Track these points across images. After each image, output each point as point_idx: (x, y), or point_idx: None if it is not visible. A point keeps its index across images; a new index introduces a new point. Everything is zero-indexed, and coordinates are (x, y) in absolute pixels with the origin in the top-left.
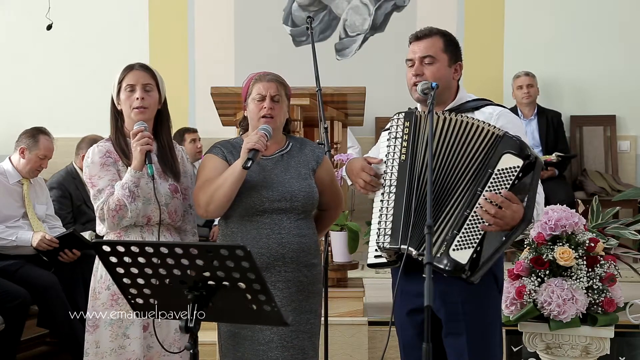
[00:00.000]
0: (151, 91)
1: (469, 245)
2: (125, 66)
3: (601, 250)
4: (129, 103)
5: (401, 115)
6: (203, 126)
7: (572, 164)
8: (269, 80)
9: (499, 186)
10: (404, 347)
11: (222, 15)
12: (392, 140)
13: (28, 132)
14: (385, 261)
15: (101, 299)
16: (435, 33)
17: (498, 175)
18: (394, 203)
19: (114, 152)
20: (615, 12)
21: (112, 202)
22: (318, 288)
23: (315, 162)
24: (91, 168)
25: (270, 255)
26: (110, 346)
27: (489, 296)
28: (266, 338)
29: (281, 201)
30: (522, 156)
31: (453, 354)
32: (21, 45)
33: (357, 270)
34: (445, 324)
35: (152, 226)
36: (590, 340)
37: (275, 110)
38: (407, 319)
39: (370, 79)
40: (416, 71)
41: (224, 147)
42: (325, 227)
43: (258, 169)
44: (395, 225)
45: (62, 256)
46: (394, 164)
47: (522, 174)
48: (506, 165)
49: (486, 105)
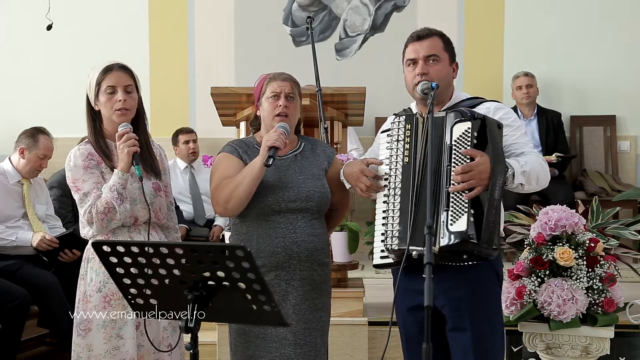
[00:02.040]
0: (132, 92)
1: (462, 213)
2: (103, 67)
3: (601, 250)
4: (110, 105)
5: (402, 118)
6: (203, 126)
7: (572, 164)
8: (283, 79)
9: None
10: (407, 342)
11: (222, 15)
12: (394, 143)
13: (27, 132)
14: (392, 262)
15: (93, 301)
16: (434, 33)
17: (456, 144)
18: (400, 205)
19: (96, 154)
20: (615, 12)
21: (101, 205)
22: (329, 286)
23: (327, 163)
24: (74, 172)
25: (285, 254)
26: (104, 348)
27: (492, 292)
28: (279, 335)
29: (297, 201)
30: (469, 118)
31: (457, 349)
32: (21, 45)
33: (357, 270)
34: (450, 319)
35: (139, 226)
36: (590, 341)
37: (290, 109)
38: (409, 314)
39: (370, 79)
40: (422, 70)
41: (238, 146)
42: (333, 227)
43: (273, 170)
44: (402, 227)
45: (62, 256)
46: (397, 167)
47: (477, 133)
48: (458, 132)
49: (482, 103)
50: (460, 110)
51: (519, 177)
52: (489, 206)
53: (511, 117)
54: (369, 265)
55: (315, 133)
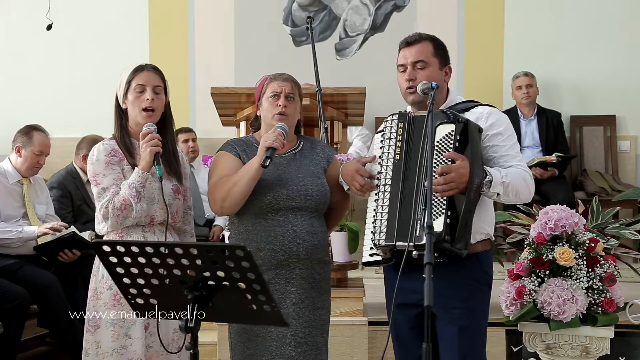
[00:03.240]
0: (160, 94)
1: (439, 214)
2: (135, 66)
3: (601, 250)
4: (138, 103)
5: (395, 117)
6: (203, 126)
7: (572, 164)
8: (284, 80)
9: (443, 153)
10: (397, 339)
11: (222, 15)
12: (386, 141)
13: (22, 130)
14: (380, 259)
15: (103, 298)
16: (424, 38)
17: (439, 145)
18: (389, 202)
19: (119, 151)
20: (615, 12)
21: (118, 201)
22: (328, 285)
23: (326, 161)
24: (96, 166)
25: (284, 253)
26: (112, 346)
27: (479, 290)
28: (280, 334)
29: (295, 199)
30: (453, 121)
31: (445, 343)
32: (21, 45)
33: (357, 270)
34: (438, 316)
35: (154, 226)
36: (590, 340)
37: (289, 109)
38: (398, 312)
39: (370, 79)
40: (409, 76)
41: (237, 145)
42: (333, 226)
43: (272, 168)
44: (390, 223)
45: (62, 256)
46: (388, 164)
47: (459, 136)
48: (442, 134)
49: (476, 106)
50: (445, 112)
51: (497, 186)
52: (465, 209)
53: (503, 124)
54: None
55: (315, 133)
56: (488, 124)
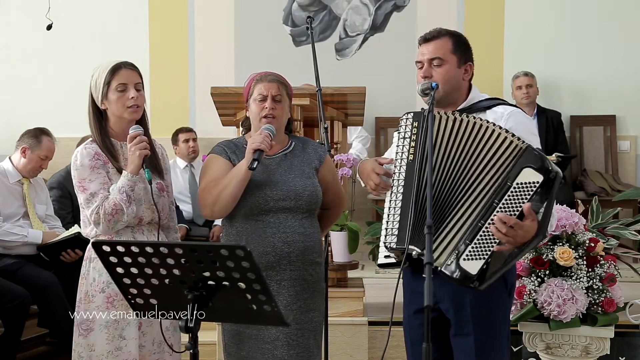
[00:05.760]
0: (141, 90)
1: (480, 257)
2: (111, 66)
3: (601, 250)
4: (122, 103)
5: (410, 115)
6: (203, 126)
7: (572, 164)
8: (270, 81)
9: (517, 200)
10: (412, 345)
11: (222, 15)
12: (401, 140)
13: (31, 132)
14: (395, 261)
15: (95, 302)
16: (444, 34)
17: (517, 188)
18: (401, 203)
19: (102, 154)
20: (615, 12)
21: (109, 206)
22: (321, 286)
23: (318, 161)
24: (81, 171)
25: (275, 254)
26: (106, 348)
27: (498, 299)
28: (272, 336)
29: (286, 200)
30: (543, 171)
31: (460, 354)
32: (21, 45)
33: (357, 270)
34: (454, 324)
35: (143, 226)
36: (590, 340)
37: (277, 110)
38: (415, 317)
39: (370, 79)
40: (425, 73)
41: (227, 147)
42: (328, 226)
43: (262, 169)
44: (402, 226)
45: (64, 256)
46: (402, 164)
47: (540, 189)
48: (526, 179)
49: (498, 105)
50: (539, 155)
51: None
52: (505, 263)
53: (522, 128)
54: (369, 265)
55: (315, 133)
56: (507, 126)
